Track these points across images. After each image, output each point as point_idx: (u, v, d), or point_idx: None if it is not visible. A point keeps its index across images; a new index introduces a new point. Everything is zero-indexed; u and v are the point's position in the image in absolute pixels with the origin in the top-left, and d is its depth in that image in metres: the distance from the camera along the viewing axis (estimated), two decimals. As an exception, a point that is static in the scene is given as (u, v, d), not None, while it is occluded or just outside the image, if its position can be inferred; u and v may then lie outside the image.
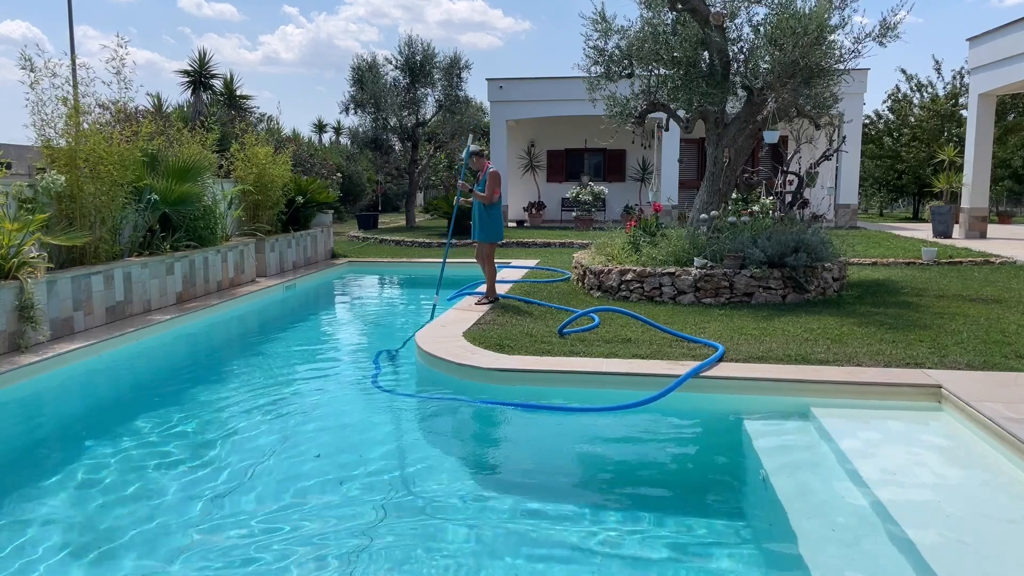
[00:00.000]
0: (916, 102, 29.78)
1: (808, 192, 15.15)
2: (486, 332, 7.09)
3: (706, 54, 9.69)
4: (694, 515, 3.83)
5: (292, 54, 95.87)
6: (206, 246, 10.10)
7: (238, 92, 27.57)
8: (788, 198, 10.82)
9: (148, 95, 26.08)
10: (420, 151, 23.24)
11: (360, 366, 6.99)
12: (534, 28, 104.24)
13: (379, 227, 23.88)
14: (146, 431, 5.08)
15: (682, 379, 5.42)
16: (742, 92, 9.93)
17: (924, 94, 29.49)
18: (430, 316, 8.31)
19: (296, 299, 11.37)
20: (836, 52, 9.17)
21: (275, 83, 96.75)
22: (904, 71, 29.96)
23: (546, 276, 11.59)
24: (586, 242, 15.54)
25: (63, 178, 7.69)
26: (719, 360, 5.86)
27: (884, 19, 8.99)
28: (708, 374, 5.58)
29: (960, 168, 18.79)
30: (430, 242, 17.38)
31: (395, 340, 7.78)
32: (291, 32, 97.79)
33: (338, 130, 44.22)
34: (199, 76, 25.90)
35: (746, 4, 9.61)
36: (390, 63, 22.36)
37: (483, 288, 9.09)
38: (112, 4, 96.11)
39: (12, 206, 7.32)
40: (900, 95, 30.22)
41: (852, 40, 9.17)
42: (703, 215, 9.64)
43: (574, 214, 21.21)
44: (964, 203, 17.90)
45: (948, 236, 17.30)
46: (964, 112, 25.41)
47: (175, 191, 9.48)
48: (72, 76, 8.50)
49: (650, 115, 10.45)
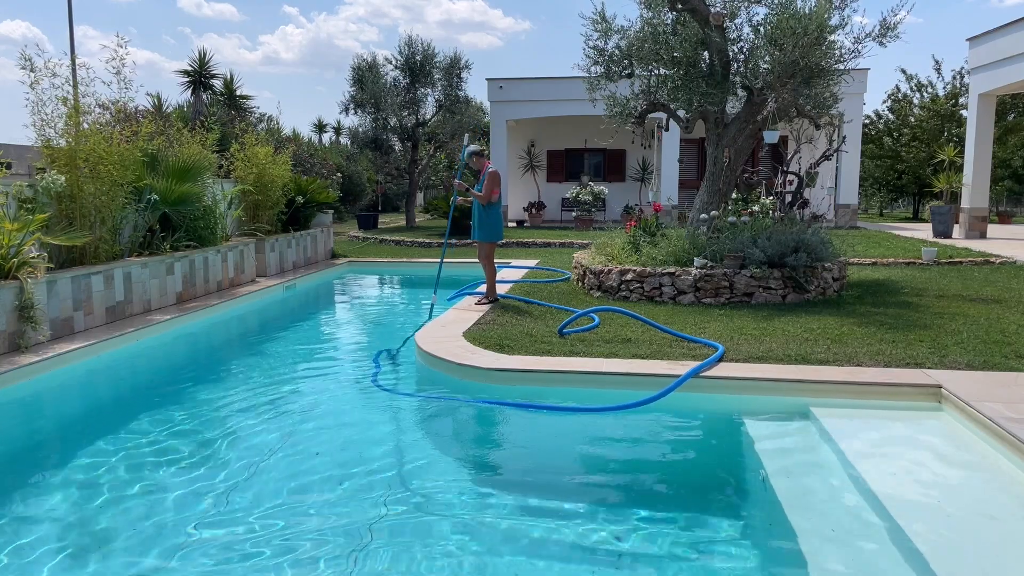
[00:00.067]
0: (916, 102, 29.80)
1: (808, 192, 15.16)
2: (486, 332, 7.09)
3: (706, 54, 9.69)
4: (694, 515, 3.83)
5: (292, 54, 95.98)
6: (206, 246, 10.10)
7: (238, 92, 27.56)
8: (788, 198, 10.83)
9: (148, 95, 26.13)
10: (420, 151, 23.24)
11: (360, 365, 6.99)
12: (534, 28, 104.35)
13: (379, 227, 23.89)
14: (146, 431, 5.08)
15: (682, 379, 5.42)
16: (742, 92, 9.94)
17: (924, 94, 29.51)
18: (428, 316, 8.36)
19: (296, 299, 11.38)
20: (836, 52, 9.18)
21: (275, 83, 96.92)
22: (904, 71, 30.05)
23: (546, 276, 11.59)
24: (586, 242, 15.55)
25: (63, 178, 7.69)
26: (719, 360, 5.87)
27: (884, 19, 9.00)
28: (708, 374, 5.59)
29: (960, 168, 18.79)
30: (430, 242, 17.39)
31: (395, 340, 7.79)
32: (291, 32, 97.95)
33: (338, 130, 44.27)
34: (199, 76, 25.89)
35: (746, 4, 9.62)
36: (390, 63, 22.39)
37: (483, 288, 9.09)
38: (112, 4, 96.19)
39: (12, 206, 7.32)
40: (900, 95, 30.25)
41: (852, 40, 9.19)
42: (703, 215, 9.64)
43: (574, 214, 21.22)
44: (964, 203, 17.91)
45: (948, 236, 17.31)
46: (964, 112, 25.41)
47: (175, 191, 9.49)
48: (72, 76, 8.50)
49: (650, 115, 10.45)
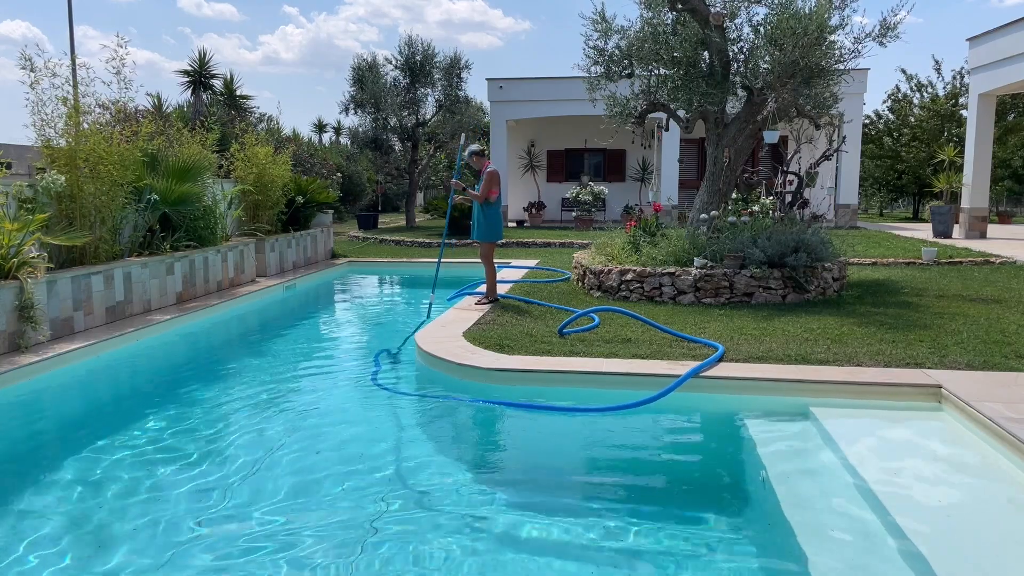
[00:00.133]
0: (916, 102, 29.81)
1: (808, 192, 15.17)
2: (486, 332, 7.09)
3: (706, 54, 9.69)
4: (694, 514, 3.83)
5: (292, 54, 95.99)
6: (206, 246, 10.10)
7: (238, 92, 27.55)
8: (788, 198, 10.83)
9: (148, 95, 26.11)
10: (420, 151, 23.24)
11: (360, 365, 6.99)
12: (534, 28, 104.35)
13: (379, 227, 23.89)
14: (147, 430, 5.08)
15: (682, 379, 5.42)
16: (742, 92, 9.94)
17: (924, 94, 29.52)
18: (427, 315, 8.38)
19: (296, 299, 11.38)
20: (836, 52, 9.18)
21: (275, 83, 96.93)
22: (904, 71, 30.07)
23: (546, 276, 11.59)
24: (586, 242, 15.55)
25: (63, 178, 7.69)
26: (719, 360, 5.87)
27: (884, 19, 9.00)
28: (708, 374, 5.59)
29: (960, 168, 18.80)
30: (430, 242, 17.38)
31: (395, 339, 7.79)
32: (291, 32, 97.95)
33: (338, 130, 44.25)
34: (199, 76, 25.88)
35: (746, 4, 9.62)
36: (390, 63, 22.39)
37: (483, 288, 9.10)
38: (112, 4, 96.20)
39: (12, 206, 7.32)
40: (900, 95, 30.25)
41: (852, 40, 9.19)
42: (703, 215, 9.64)
43: (574, 214, 21.22)
44: (964, 203, 17.91)
45: (948, 236, 17.31)
46: (964, 112, 25.42)
47: (175, 191, 9.49)
48: (72, 76, 8.50)
49: (650, 115, 10.45)
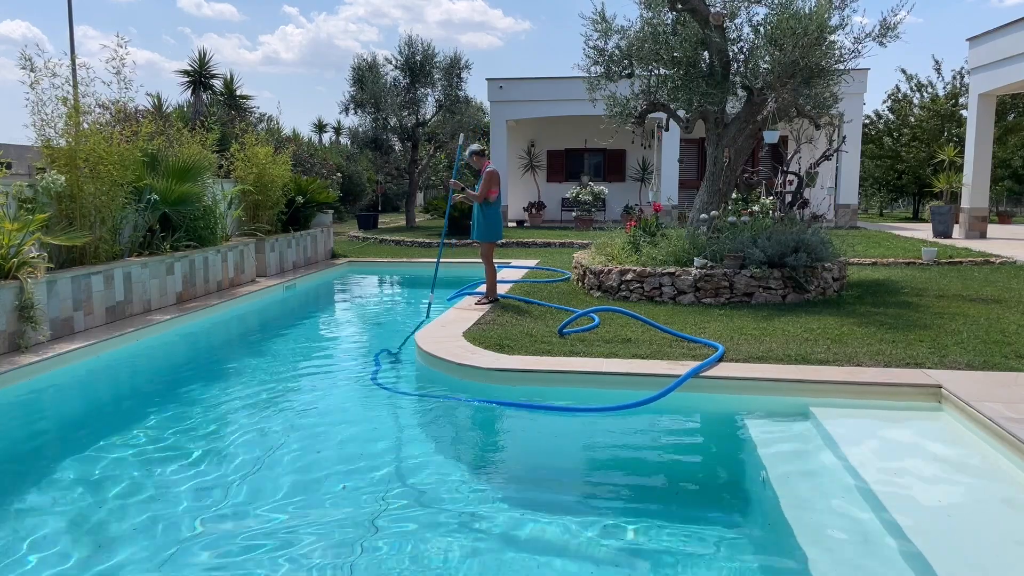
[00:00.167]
0: (916, 102, 29.81)
1: (808, 192, 15.17)
2: (486, 332, 7.09)
3: (706, 54, 9.69)
4: (694, 514, 3.83)
5: (292, 54, 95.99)
6: (206, 246, 10.10)
7: (238, 92, 27.56)
8: (788, 198, 10.83)
9: (148, 95, 26.10)
10: (420, 151, 23.24)
11: (360, 365, 6.99)
12: (534, 28, 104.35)
13: (379, 227, 23.89)
14: (147, 430, 5.08)
15: (682, 379, 5.42)
16: (742, 92, 9.94)
17: (924, 94, 29.52)
18: (426, 315, 8.39)
19: (296, 299, 11.38)
20: (836, 52, 9.18)
21: (275, 83, 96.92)
22: (904, 71, 30.08)
23: (546, 276, 11.59)
24: (586, 242, 15.55)
25: (63, 178, 7.69)
26: (719, 360, 5.87)
27: (884, 19, 9.00)
28: (708, 374, 5.59)
29: (960, 168, 18.80)
30: (430, 242, 17.38)
31: (395, 339, 7.79)
32: (291, 32, 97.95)
33: (338, 130, 44.24)
34: (199, 76, 25.89)
35: (746, 4, 9.62)
36: (390, 63, 22.39)
37: (483, 288, 9.10)
38: (112, 4, 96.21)
39: (12, 206, 7.32)
40: (900, 95, 30.25)
41: (852, 40, 9.19)
42: (703, 215, 9.64)
43: (574, 214, 21.22)
44: (964, 203, 17.91)
45: (948, 236, 17.31)
46: (964, 112, 25.42)
47: (175, 191, 9.49)
48: (72, 76, 8.50)
49: (650, 115, 10.45)
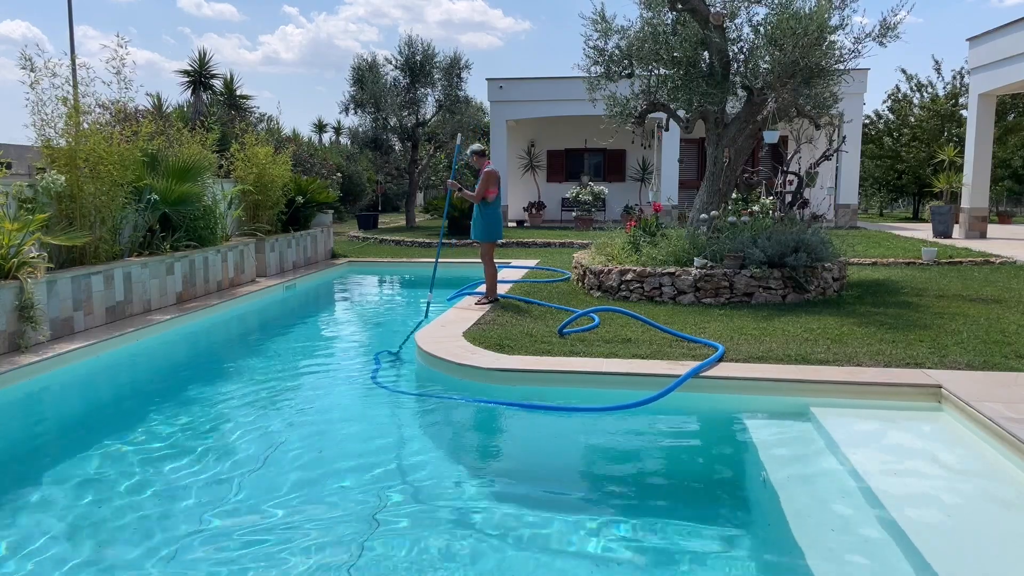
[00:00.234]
0: (916, 102, 29.80)
1: (808, 192, 15.17)
2: (486, 332, 7.09)
3: (706, 54, 9.69)
4: (694, 514, 3.83)
5: (292, 54, 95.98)
6: (206, 246, 10.10)
7: (238, 92, 27.55)
8: (788, 198, 10.83)
9: (148, 95, 26.08)
10: (420, 151, 23.24)
11: (360, 364, 6.99)
12: (534, 28, 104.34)
13: (379, 227, 23.89)
14: (147, 430, 5.08)
15: (682, 379, 5.42)
16: (742, 92, 9.94)
17: (924, 94, 29.51)
18: (424, 315, 8.40)
19: (296, 299, 11.38)
20: (836, 52, 9.18)
21: (275, 83, 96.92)
22: (904, 71, 30.05)
23: (546, 276, 11.59)
24: (586, 242, 15.55)
25: (63, 178, 7.69)
26: (719, 360, 5.87)
27: (884, 19, 9.00)
28: (708, 374, 5.59)
29: (960, 168, 18.80)
30: (430, 242, 17.38)
31: (395, 339, 7.78)
32: (291, 32, 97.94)
33: (338, 130, 44.25)
34: (199, 76, 25.88)
35: (746, 4, 9.62)
36: (390, 63, 22.39)
37: (483, 288, 9.10)
38: (112, 4, 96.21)
39: (12, 206, 7.32)
40: (900, 95, 30.25)
41: (852, 40, 9.19)
42: (703, 215, 9.64)
43: (574, 214, 21.22)
44: (964, 203, 17.91)
45: (948, 236, 17.31)
46: (964, 112, 25.42)
47: (175, 191, 9.49)
48: (72, 76, 8.50)
49: (650, 115, 10.45)
